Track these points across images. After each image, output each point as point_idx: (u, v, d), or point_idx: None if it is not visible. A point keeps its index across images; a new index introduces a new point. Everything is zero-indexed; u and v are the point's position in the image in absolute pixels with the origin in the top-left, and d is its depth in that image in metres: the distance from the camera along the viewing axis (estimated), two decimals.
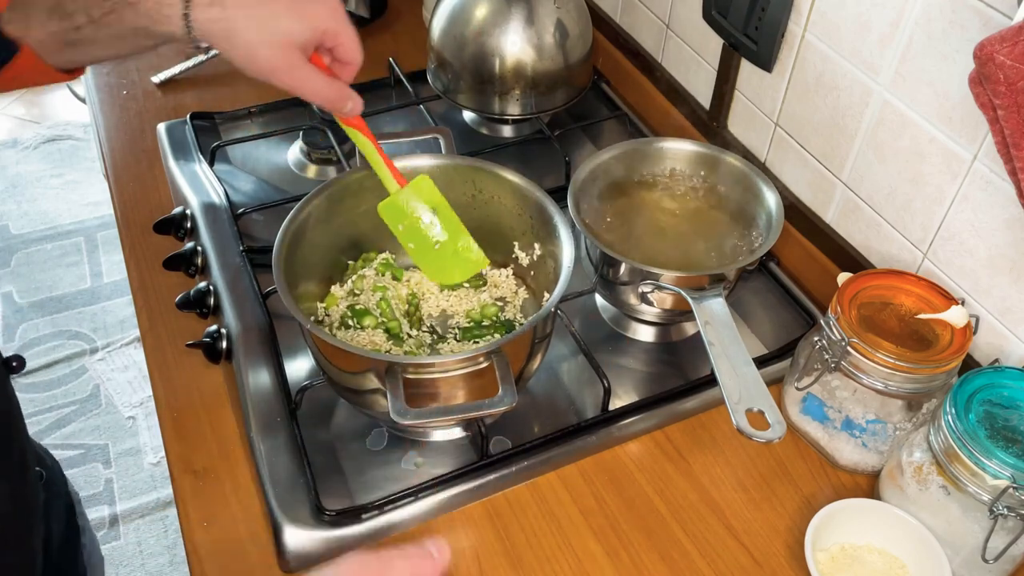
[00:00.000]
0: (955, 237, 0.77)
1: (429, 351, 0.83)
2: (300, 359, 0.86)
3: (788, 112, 0.93)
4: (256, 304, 0.87)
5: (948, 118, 0.74)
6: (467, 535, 0.73)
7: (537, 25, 1.05)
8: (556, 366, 0.88)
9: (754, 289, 0.95)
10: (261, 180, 1.08)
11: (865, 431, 0.74)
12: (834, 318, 0.73)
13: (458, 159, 0.86)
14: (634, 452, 0.79)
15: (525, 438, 0.78)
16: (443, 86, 1.11)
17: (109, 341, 2.16)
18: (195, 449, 0.78)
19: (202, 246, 0.94)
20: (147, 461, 1.91)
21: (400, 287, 0.87)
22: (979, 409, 0.65)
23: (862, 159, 0.85)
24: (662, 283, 0.79)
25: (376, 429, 0.81)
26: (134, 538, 1.78)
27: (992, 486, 0.62)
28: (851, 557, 0.70)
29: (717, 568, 0.71)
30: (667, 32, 1.11)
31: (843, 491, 0.76)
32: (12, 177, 2.64)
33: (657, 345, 0.91)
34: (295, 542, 0.70)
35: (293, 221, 0.78)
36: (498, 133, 1.17)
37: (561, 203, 0.82)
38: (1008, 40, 0.57)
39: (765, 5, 0.89)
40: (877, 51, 0.79)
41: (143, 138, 1.13)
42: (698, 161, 0.92)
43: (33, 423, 1.97)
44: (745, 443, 0.79)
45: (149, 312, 0.91)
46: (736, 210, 0.90)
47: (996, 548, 0.64)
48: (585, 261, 0.86)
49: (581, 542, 0.72)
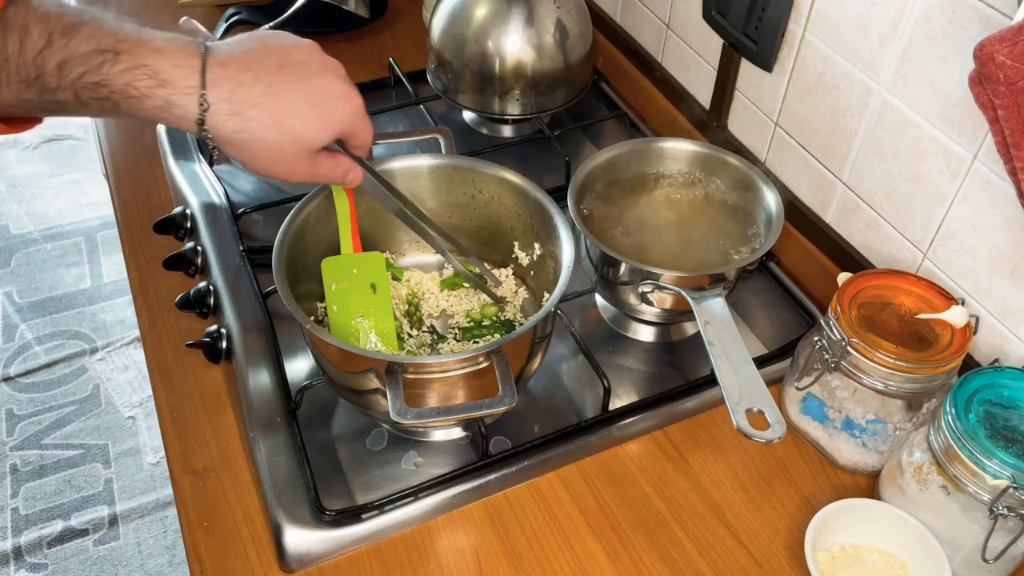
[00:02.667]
0: (955, 237, 0.77)
1: (429, 351, 0.83)
2: (300, 359, 0.86)
3: (788, 112, 0.93)
4: (256, 304, 0.87)
5: (948, 118, 0.74)
6: (467, 535, 0.73)
7: (537, 25, 1.05)
8: (556, 366, 0.88)
9: (754, 289, 0.95)
10: (261, 180, 1.08)
11: (865, 431, 0.74)
12: (834, 318, 0.73)
13: (458, 159, 0.86)
14: (634, 452, 0.79)
15: (525, 438, 0.78)
16: (443, 86, 1.11)
17: (109, 341, 2.16)
18: (195, 449, 0.78)
19: (202, 246, 0.94)
20: (147, 461, 1.91)
21: (400, 287, 0.87)
22: (979, 409, 0.65)
23: (862, 159, 0.85)
24: (662, 283, 0.79)
25: (376, 429, 0.81)
26: (134, 538, 1.78)
27: (992, 486, 0.62)
28: (851, 557, 0.70)
29: (717, 568, 0.71)
30: (667, 32, 1.11)
31: (843, 491, 0.76)
32: (12, 177, 2.64)
33: (657, 345, 0.91)
34: (295, 542, 0.70)
35: (293, 221, 0.78)
36: (498, 133, 1.17)
37: (561, 203, 0.82)
38: (1008, 40, 0.57)
39: (765, 5, 0.89)
40: (877, 51, 0.79)
41: (143, 138, 1.13)
42: (698, 161, 0.92)
43: (33, 423, 1.97)
44: (745, 443, 0.79)
45: (149, 312, 0.91)
46: (736, 210, 0.90)
47: (996, 548, 0.64)
48: (585, 261, 0.86)
49: (581, 542, 0.72)
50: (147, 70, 0.56)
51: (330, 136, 0.64)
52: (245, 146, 0.61)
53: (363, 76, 1.22)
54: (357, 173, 0.70)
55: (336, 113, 0.63)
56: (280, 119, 0.60)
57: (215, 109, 0.58)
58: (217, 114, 0.58)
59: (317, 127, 0.62)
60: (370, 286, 0.79)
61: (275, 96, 0.60)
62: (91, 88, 0.55)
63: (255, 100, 0.59)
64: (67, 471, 1.89)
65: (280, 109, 0.60)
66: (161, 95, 0.56)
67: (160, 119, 0.58)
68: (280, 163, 0.63)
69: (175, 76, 0.56)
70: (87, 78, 0.55)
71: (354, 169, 0.69)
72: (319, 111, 0.62)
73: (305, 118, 0.61)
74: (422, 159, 0.85)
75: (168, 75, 0.56)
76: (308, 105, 0.61)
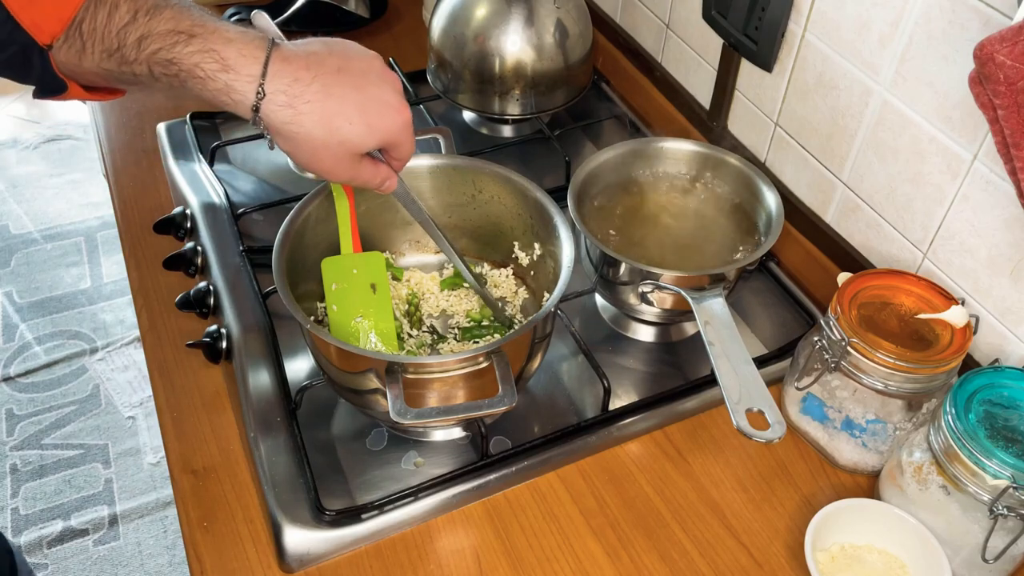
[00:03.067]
0: (955, 237, 0.77)
1: (429, 351, 0.83)
2: (300, 359, 0.86)
3: (788, 112, 0.93)
4: (256, 304, 0.87)
5: (948, 118, 0.74)
6: (467, 535, 0.73)
7: (537, 25, 1.05)
8: (556, 366, 0.88)
9: (754, 289, 0.95)
10: (261, 180, 1.08)
11: (865, 431, 0.74)
12: (834, 318, 0.73)
13: (458, 159, 0.86)
14: (634, 452, 0.79)
15: (525, 438, 0.78)
16: (443, 86, 1.11)
17: (109, 341, 2.16)
18: (195, 449, 0.78)
19: (202, 246, 0.94)
20: (147, 461, 1.91)
21: (400, 287, 0.87)
22: (979, 409, 0.65)
23: (862, 159, 0.85)
24: (662, 283, 0.79)
25: (376, 429, 0.81)
26: (134, 538, 1.78)
27: (992, 486, 0.62)
28: (851, 557, 0.70)
29: (717, 568, 0.71)
30: (667, 32, 1.11)
31: (843, 491, 0.76)
32: (12, 177, 2.64)
33: (657, 345, 0.91)
34: (295, 542, 0.70)
35: (293, 221, 0.78)
36: (498, 133, 1.17)
37: (561, 203, 0.82)
38: (1008, 40, 0.57)
39: (765, 5, 0.89)
40: (877, 51, 0.79)
41: (143, 138, 1.13)
42: (698, 161, 0.92)
43: (33, 423, 1.97)
44: (745, 443, 0.79)
45: (149, 312, 0.91)
46: (736, 210, 0.90)
47: (996, 548, 0.64)
48: (585, 261, 0.86)
49: (581, 542, 0.72)
50: (215, 55, 0.60)
51: (375, 143, 0.66)
52: (293, 138, 0.63)
53: None
54: (393, 182, 0.72)
55: (383, 122, 0.65)
56: (328, 118, 0.63)
57: (270, 99, 0.61)
58: (271, 104, 0.61)
59: (362, 132, 0.64)
60: (370, 286, 0.79)
61: (328, 96, 0.62)
62: (163, 64, 0.59)
63: (309, 97, 0.62)
64: (67, 471, 1.88)
65: (331, 109, 0.63)
66: (224, 79, 0.60)
67: (220, 102, 0.61)
68: (323, 160, 0.65)
69: (239, 63, 0.60)
70: (161, 54, 0.59)
71: (391, 178, 0.72)
72: (367, 117, 0.64)
73: (353, 121, 0.64)
74: (422, 159, 0.85)
75: (233, 62, 0.60)
76: (358, 111, 0.64)
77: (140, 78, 0.61)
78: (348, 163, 0.66)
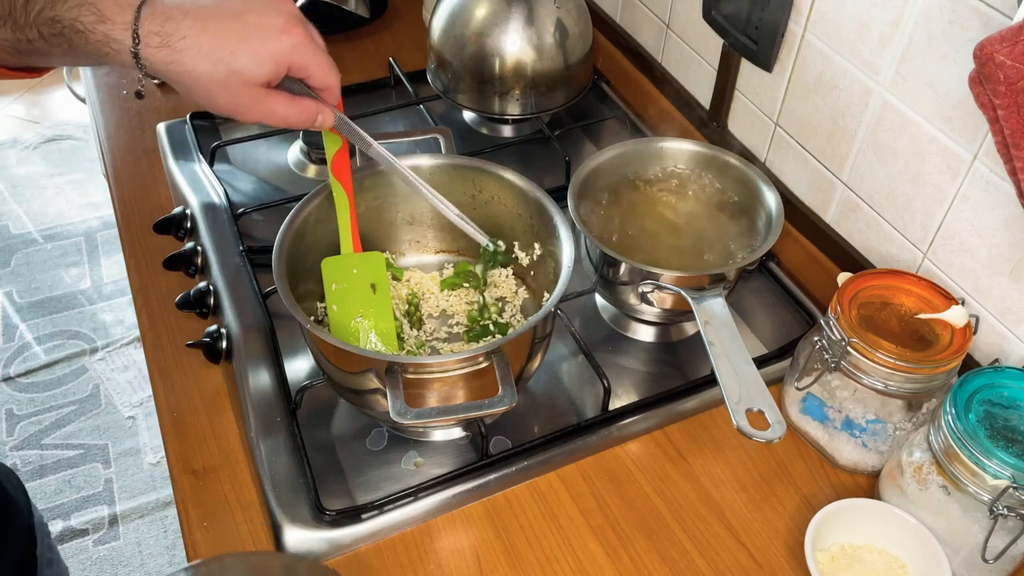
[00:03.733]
0: (955, 237, 0.77)
1: (429, 351, 0.83)
2: (300, 359, 0.86)
3: (788, 112, 0.93)
4: (256, 304, 0.87)
5: (948, 118, 0.74)
6: (467, 535, 0.73)
7: (537, 25, 1.05)
8: (556, 366, 0.88)
9: (754, 289, 0.95)
10: (261, 180, 1.08)
11: (865, 431, 0.74)
12: (834, 318, 0.73)
13: (458, 159, 0.86)
14: (634, 452, 0.79)
15: (525, 438, 0.78)
16: (443, 86, 1.11)
17: (109, 341, 2.16)
18: (195, 449, 0.78)
19: (202, 246, 0.94)
20: (147, 461, 1.91)
21: (400, 287, 0.87)
22: (979, 409, 0.65)
23: (862, 159, 0.85)
24: (662, 283, 0.79)
25: (376, 429, 0.81)
26: (134, 538, 1.78)
27: (992, 486, 0.62)
28: (851, 557, 0.70)
29: (717, 568, 0.71)
30: (667, 32, 1.11)
31: (843, 491, 0.76)
32: (12, 177, 2.64)
33: (657, 345, 0.91)
34: (295, 542, 0.70)
35: (293, 221, 0.78)
36: (498, 133, 1.17)
37: (561, 203, 0.82)
38: (1008, 40, 0.57)
39: (765, 5, 0.89)
40: (877, 51, 0.79)
41: (143, 138, 1.13)
42: (698, 161, 0.92)
43: (33, 423, 1.97)
44: (745, 443, 0.79)
45: (149, 312, 0.91)
46: (736, 210, 0.90)
47: (996, 548, 0.64)
48: (585, 261, 0.86)
49: (581, 542, 0.72)
50: (92, 7, 0.60)
51: (269, 71, 0.64)
52: (180, 78, 0.63)
53: (363, 76, 1.23)
54: (328, 116, 0.70)
55: (268, 46, 0.63)
56: (208, 51, 0.62)
57: (146, 42, 0.61)
58: (148, 47, 0.61)
59: (249, 60, 0.63)
60: (370, 286, 0.79)
61: (204, 29, 0.62)
62: (48, 23, 0.60)
63: (184, 32, 0.61)
64: (67, 471, 1.89)
65: (207, 41, 0.62)
66: (102, 30, 0.61)
67: (103, 55, 0.62)
68: (220, 97, 0.64)
69: (113, 12, 0.61)
70: (45, 13, 0.60)
71: (324, 111, 0.69)
72: (249, 43, 0.63)
73: (234, 50, 0.62)
74: (422, 159, 0.85)
75: (109, 12, 0.61)
76: (237, 38, 0.62)
77: (35, 44, 0.61)
78: (250, 98, 0.64)
